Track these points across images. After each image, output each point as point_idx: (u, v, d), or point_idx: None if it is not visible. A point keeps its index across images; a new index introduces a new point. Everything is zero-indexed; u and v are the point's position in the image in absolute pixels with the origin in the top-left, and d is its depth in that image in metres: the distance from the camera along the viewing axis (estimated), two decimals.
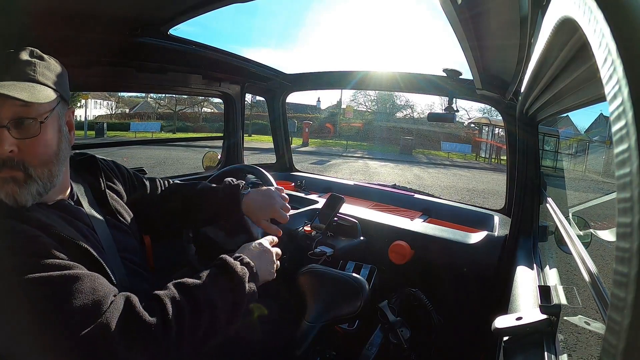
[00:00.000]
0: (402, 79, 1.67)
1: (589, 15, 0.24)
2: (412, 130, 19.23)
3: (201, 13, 1.00)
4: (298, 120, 18.65)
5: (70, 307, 0.55)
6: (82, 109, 21.01)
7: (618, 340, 0.18)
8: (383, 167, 11.88)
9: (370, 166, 11.77)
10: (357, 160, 13.13)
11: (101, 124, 17.58)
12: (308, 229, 1.36)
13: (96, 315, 0.55)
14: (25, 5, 0.81)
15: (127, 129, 18.42)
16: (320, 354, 0.98)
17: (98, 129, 16.98)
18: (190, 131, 19.47)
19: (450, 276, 1.25)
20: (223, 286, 0.69)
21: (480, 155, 17.81)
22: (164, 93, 17.13)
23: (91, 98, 20.54)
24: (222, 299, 0.68)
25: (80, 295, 0.56)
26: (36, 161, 0.64)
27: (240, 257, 0.76)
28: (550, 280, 0.85)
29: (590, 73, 0.43)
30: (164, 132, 18.91)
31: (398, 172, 11.02)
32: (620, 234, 0.18)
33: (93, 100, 21.11)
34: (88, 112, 20.65)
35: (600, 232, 1.02)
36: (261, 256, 0.81)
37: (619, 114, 0.19)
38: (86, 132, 17.36)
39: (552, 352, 0.56)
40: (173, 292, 0.65)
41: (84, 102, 19.99)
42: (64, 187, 0.75)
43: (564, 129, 10.14)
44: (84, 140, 15.36)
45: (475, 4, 0.61)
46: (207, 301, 0.66)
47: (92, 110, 22.08)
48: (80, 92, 17.03)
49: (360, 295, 0.97)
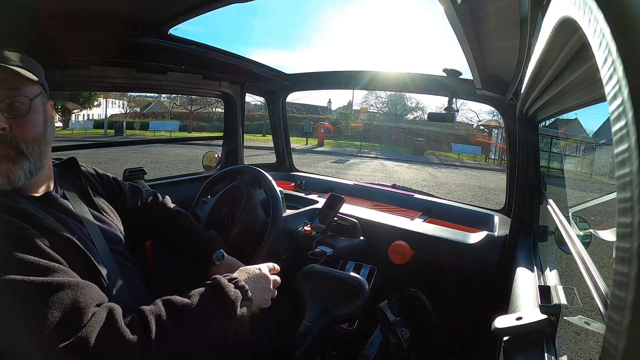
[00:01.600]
0: (402, 78, 1.67)
1: (589, 15, 0.24)
2: (423, 132, 19.34)
3: (201, 13, 1.00)
4: (312, 121, 18.83)
5: (51, 317, 0.54)
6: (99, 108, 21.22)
7: (618, 340, 0.18)
8: (399, 166, 12.46)
9: (386, 166, 12.34)
10: (372, 160, 13.73)
11: (120, 123, 18.31)
12: (308, 229, 1.36)
13: (76, 328, 0.55)
14: (25, 5, 0.81)
15: (146, 127, 19.02)
16: (320, 354, 0.98)
17: (117, 127, 17.79)
18: (205, 130, 19.71)
19: (450, 276, 1.25)
20: (213, 309, 0.68)
21: (490, 157, 18.08)
22: (164, 93, 17.20)
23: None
24: (210, 321, 0.67)
25: (62, 305, 0.55)
26: (27, 137, 0.67)
27: (236, 280, 0.74)
28: (550, 280, 0.85)
29: (590, 73, 0.43)
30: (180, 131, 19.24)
31: (414, 171, 11.62)
32: (620, 234, 0.18)
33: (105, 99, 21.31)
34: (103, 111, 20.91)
35: (600, 232, 1.02)
36: (258, 281, 0.80)
37: (619, 114, 0.19)
38: (106, 131, 17.92)
39: (552, 352, 0.56)
40: (160, 309, 0.64)
41: (101, 101, 20.27)
42: (49, 177, 0.77)
43: (570, 131, 10.19)
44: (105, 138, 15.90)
45: (476, 5, 0.61)
46: (193, 323, 0.65)
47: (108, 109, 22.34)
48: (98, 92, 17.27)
49: (360, 295, 0.97)
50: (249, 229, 1.26)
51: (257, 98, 2.37)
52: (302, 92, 2.76)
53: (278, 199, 1.27)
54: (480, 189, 8.69)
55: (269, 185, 1.29)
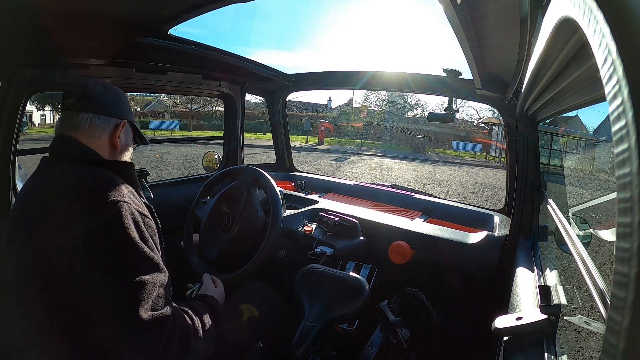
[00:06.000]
0: (402, 78, 1.67)
1: (589, 15, 0.24)
2: (423, 129, 19.36)
3: (201, 13, 1.00)
4: (313, 119, 18.84)
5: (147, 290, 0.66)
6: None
7: (618, 340, 0.18)
8: (397, 164, 12.41)
9: (385, 163, 12.29)
10: (372, 158, 13.70)
11: None
12: (308, 229, 1.36)
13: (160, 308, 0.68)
14: (25, 5, 0.81)
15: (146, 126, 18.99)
16: (320, 354, 0.98)
17: None
18: (205, 129, 19.61)
19: (450, 276, 1.25)
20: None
21: (490, 154, 18.03)
22: (164, 93, 17.21)
23: None
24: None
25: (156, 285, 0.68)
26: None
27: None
28: (550, 280, 0.85)
29: (590, 73, 0.43)
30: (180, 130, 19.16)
31: (412, 168, 11.51)
32: (620, 234, 0.18)
33: None
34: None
35: (600, 232, 1.01)
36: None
37: (619, 114, 0.19)
38: None
39: (552, 352, 0.56)
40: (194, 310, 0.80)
41: None
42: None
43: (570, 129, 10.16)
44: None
45: (475, 4, 0.61)
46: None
47: None
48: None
49: (360, 295, 0.97)
50: (249, 229, 1.26)
51: (257, 97, 2.38)
52: (302, 91, 2.76)
53: (278, 199, 1.27)
54: (480, 186, 8.64)
55: (268, 185, 1.29)
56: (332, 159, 11.92)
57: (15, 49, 0.94)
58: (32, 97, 1.10)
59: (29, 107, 1.20)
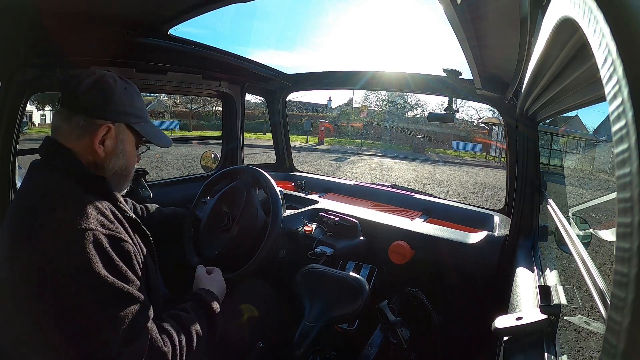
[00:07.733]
0: (402, 79, 1.67)
1: (589, 15, 0.24)
2: (423, 129, 19.36)
3: (201, 13, 1.00)
4: (313, 119, 18.84)
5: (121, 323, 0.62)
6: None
7: (618, 340, 0.18)
8: (397, 164, 12.42)
9: (385, 163, 12.31)
10: (371, 158, 13.75)
11: None
12: (308, 229, 1.36)
13: (136, 339, 0.64)
14: (25, 5, 0.81)
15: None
16: (320, 354, 0.98)
17: None
18: (205, 129, 19.54)
19: (450, 276, 1.25)
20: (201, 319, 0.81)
21: (490, 154, 18.02)
22: (164, 93, 17.19)
23: None
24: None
25: (131, 316, 0.64)
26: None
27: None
28: (550, 280, 0.85)
29: (590, 73, 0.43)
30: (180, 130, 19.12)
31: (412, 168, 11.52)
32: (620, 234, 0.18)
33: None
34: None
35: (600, 232, 1.01)
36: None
37: (619, 114, 0.19)
38: None
39: (552, 352, 0.56)
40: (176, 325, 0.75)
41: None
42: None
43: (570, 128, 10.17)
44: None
45: (475, 4, 0.61)
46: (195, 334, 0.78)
47: None
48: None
49: (360, 295, 0.97)
50: (249, 229, 1.26)
51: (257, 97, 2.39)
52: (302, 91, 2.77)
53: (278, 199, 1.26)
54: (480, 186, 8.67)
55: (268, 185, 1.29)
56: (332, 159, 11.96)
57: (15, 49, 0.94)
58: (32, 97, 1.10)
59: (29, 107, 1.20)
